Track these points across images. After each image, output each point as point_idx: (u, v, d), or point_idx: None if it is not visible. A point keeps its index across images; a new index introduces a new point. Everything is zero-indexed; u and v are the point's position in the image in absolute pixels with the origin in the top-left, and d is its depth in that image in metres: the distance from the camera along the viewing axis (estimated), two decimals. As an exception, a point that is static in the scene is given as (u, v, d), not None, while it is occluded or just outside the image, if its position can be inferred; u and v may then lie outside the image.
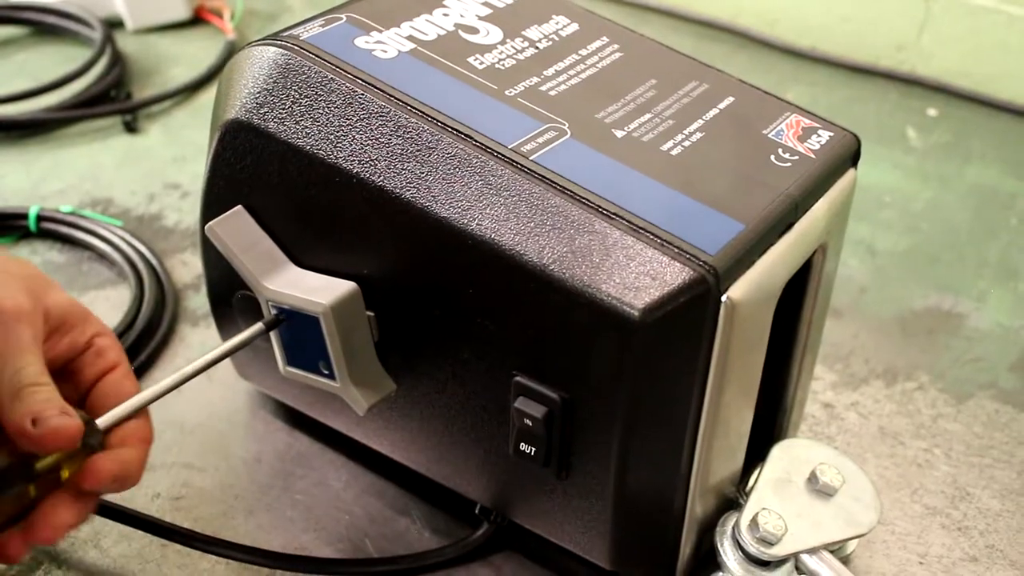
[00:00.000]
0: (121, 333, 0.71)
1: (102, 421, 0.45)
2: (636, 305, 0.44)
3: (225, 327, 0.62)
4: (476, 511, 0.58)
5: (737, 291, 0.46)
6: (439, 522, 0.60)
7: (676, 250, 0.45)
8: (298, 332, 0.53)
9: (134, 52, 1.10)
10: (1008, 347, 0.76)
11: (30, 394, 0.42)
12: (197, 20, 1.16)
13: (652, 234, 0.46)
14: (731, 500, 0.55)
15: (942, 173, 0.97)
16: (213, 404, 0.67)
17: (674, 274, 0.45)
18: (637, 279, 0.45)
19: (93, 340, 0.48)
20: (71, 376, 0.48)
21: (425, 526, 0.60)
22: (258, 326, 0.52)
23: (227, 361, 0.60)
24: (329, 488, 0.62)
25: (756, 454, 0.56)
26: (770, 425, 0.60)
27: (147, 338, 0.72)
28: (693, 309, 0.45)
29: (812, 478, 0.55)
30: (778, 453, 0.56)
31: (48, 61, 1.07)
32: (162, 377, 0.56)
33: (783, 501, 0.54)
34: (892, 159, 0.98)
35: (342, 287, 0.52)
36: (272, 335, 0.54)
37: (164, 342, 0.72)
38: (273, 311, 0.53)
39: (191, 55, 1.09)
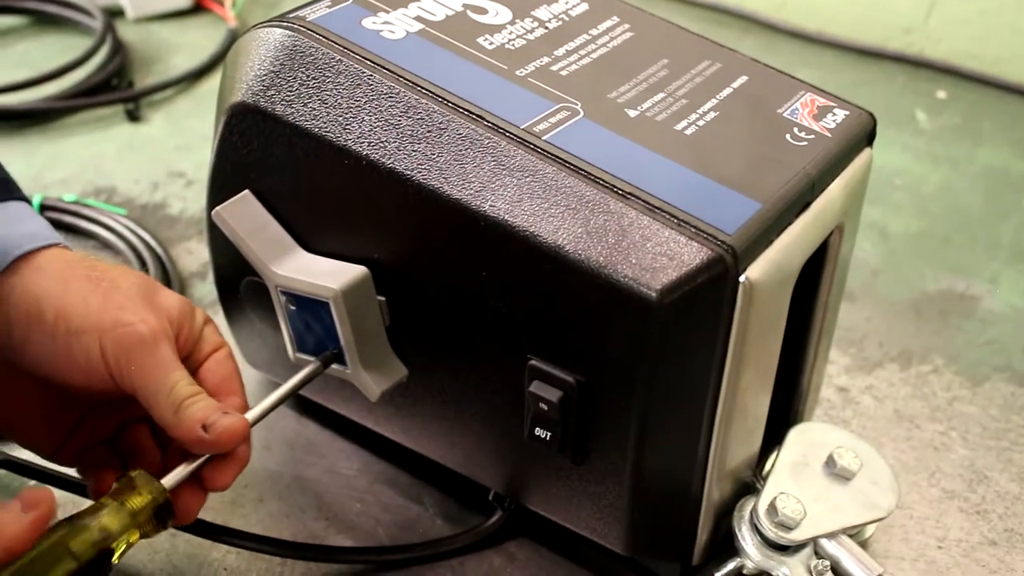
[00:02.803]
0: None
1: (168, 480, 0.46)
2: (653, 286, 0.44)
3: (233, 314, 0.61)
4: (490, 498, 0.58)
5: (755, 271, 0.45)
6: (452, 509, 0.60)
7: (693, 230, 0.45)
8: (308, 318, 0.52)
9: (135, 41, 1.09)
10: (1022, 329, 0.76)
11: (190, 406, 0.46)
12: (198, 8, 1.15)
13: (668, 214, 0.45)
14: (748, 484, 0.54)
15: (952, 155, 0.96)
16: (221, 393, 0.66)
17: (692, 254, 0.44)
18: (654, 260, 0.44)
19: (203, 329, 0.51)
20: (185, 360, 0.50)
21: (438, 513, 0.59)
22: (315, 364, 0.52)
23: (236, 349, 0.60)
24: (340, 476, 0.61)
25: (772, 438, 0.55)
26: (786, 409, 0.60)
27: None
28: (711, 290, 0.44)
29: (830, 462, 0.54)
30: (795, 437, 0.56)
31: (49, 50, 1.06)
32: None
33: (801, 485, 0.53)
34: (902, 142, 0.97)
35: (352, 271, 0.51)
36: (280, 319, 0.53)
37: (170, 331, 0.71)
38: (282, 297, 0.52)
39: (193, 43, 1.09)
